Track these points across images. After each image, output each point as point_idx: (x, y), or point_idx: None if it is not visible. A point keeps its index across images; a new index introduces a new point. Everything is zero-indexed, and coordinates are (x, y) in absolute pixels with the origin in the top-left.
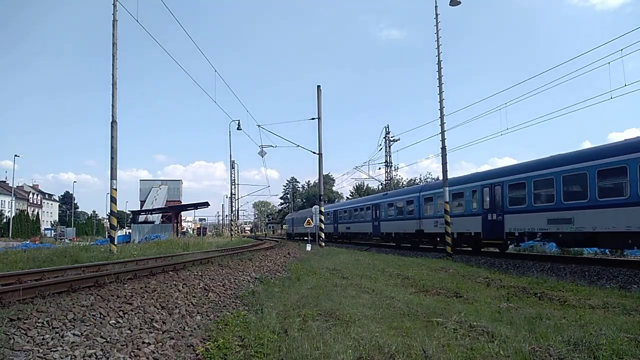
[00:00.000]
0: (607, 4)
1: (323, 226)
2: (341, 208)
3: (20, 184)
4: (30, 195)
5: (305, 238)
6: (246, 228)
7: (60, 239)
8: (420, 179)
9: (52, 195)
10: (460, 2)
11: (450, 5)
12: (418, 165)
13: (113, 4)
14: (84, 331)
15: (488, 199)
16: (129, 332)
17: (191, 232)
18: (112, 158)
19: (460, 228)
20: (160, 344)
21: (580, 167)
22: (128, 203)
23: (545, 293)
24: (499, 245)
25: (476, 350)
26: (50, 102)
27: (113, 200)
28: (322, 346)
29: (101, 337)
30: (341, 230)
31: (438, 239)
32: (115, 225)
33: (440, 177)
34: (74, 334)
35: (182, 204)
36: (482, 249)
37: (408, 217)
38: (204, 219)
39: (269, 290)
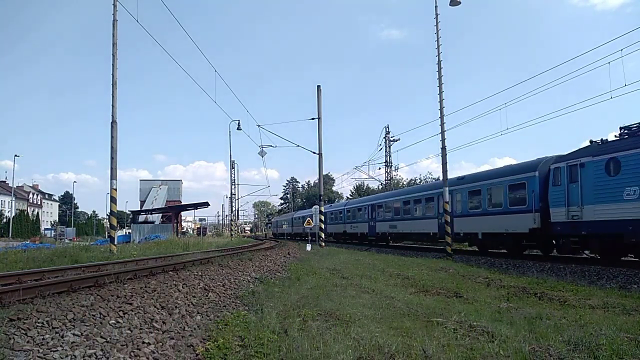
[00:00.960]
0: (608, 4)
1: (323, 226)
2: (302, 215)
3: (20, 184)
4: (30, 195)
5: (288, 237)
6: (246, 228)
7: (60, 239)
8: (420, 179)
9: (52, 195)
10: (460, 2)
11: (450, 5)
12: (418, 165)
13: (113, 4)
14: (84, 331)
15: (369, 213)
16: (129, 332)
17: (191, 232)
18: (112, 158)
19: (361, 230)
20: (160, 344)
21: (400, 198)
22: (128, 203)
23: (545, 293)
24: (373, 239)
25: (476, 350)
26: (50, 102)
27: (113, 200)
28: (322, 346)
29: (101, 337)
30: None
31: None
32: (115, 225)
33: (441, 177)
34: (74, 334)
35: (182, 204)
36: (372, 242)
37: (339, 222)
38: (204, 219)
39: (269, 290)
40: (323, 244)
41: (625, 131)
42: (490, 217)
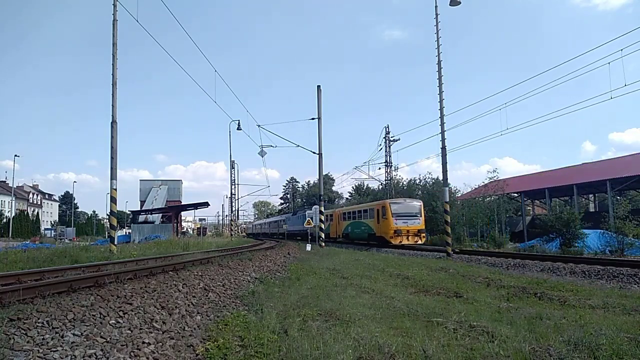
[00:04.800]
0: (609, 4)
1: (323, 226)
2: (260, 222)
3: (20, 184)
4: (30, 195)
5: (252, 235)
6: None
7: (60, 239)
8: (420, 179)
9: (52, 195)
10: (460, 2)
11: (450, 5)
12: (418, 165)
13: (113, 4)
14: (84, 331)
15: (281, 224)
16: (129, 332)
17: (191, 232)
18: (112, 158)
19: (281, 231)
20: (160, 344)
21: (279, 219)
22: (128, 203)
23: (545, 293)
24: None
25: (476, 350)
26: (51, 102)
27: (113, 200)
28: (322, 346)
29: (101, 337)
30: (260, 231)
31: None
32: (115, 225)
33: (441, 177)
34: (74, 334)
35: (182, 204)
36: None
37: (274, 226)
38: (204, 219)
39: (269, 290)
40: (323, 244)
41: (295, 209)
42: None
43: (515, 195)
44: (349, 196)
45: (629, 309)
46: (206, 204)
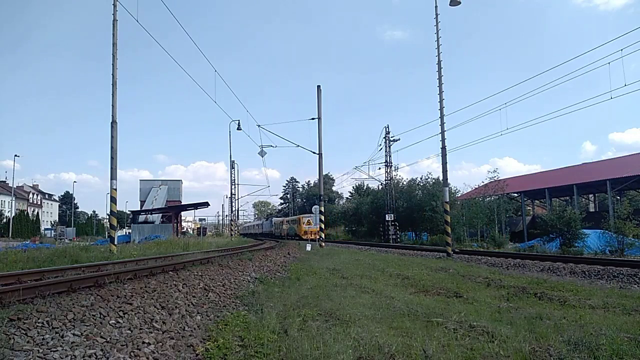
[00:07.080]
0: (610, 4)
1: (323, 226)
2: (248, 224)
3: (20, 184)
4: (30, 195)
5: (244, 235)
6: None
7: (60, 239)
8: (420, 179)
9: (52, 195)
10: (460, 2)
11: (450, 5)
12: (418, 165)
13: (113, 4)
14: (84, 331)
15: (264, 225)
16: (129, 332)
17: (191, 232)
18: (112, 158)
19: (263, 230)
20: (160, 344)
21: (259, 223)
22: (128, 203)
23: (545, 293)
24: (267, 234)
25: (476, 350)
26: (52, 103)
27: (113, 200)
28: (322, 346)
29: (101, 337)
30: (248, 232)
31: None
32: (115, 225)
33: (441, 177)
34: (74, 334)
35: (182, 204)
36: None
37: (258, 228)
38: (204, 219)
39: (269, 290)
40: (323, 244)
41: (268, 216)
42: (268, 227)
43: (515, 195)
44: (349, 196)
45: (629, 309)
46: (206, 204)
